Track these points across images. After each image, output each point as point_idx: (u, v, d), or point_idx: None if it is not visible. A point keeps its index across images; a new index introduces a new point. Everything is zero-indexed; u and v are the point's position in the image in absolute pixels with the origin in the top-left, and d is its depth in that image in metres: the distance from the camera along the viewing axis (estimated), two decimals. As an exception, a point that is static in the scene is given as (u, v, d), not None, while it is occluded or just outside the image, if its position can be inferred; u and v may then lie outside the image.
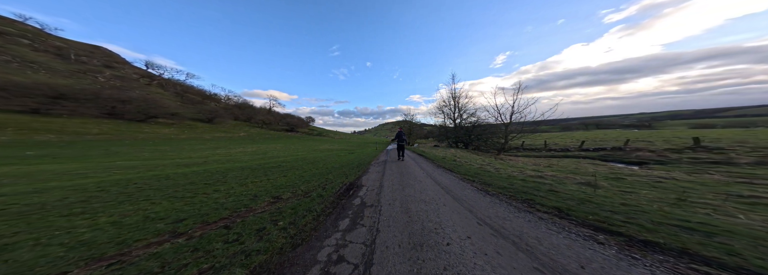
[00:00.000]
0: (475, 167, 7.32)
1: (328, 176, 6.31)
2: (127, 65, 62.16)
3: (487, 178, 5.37)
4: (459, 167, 7.40)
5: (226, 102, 62.47)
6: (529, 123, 16.73)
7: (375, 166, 8.36)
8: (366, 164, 9.09)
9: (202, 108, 36.15)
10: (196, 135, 24.61)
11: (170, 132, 22.53)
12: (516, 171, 6.63)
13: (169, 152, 11.96)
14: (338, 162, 9.67)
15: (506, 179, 5.14)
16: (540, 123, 16.99)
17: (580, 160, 13.49)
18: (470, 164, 7.97)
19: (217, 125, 36.26)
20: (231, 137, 29.09)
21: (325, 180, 5.60)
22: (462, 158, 10.44)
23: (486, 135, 20.97)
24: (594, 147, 17.56)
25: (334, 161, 9.96)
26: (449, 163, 8.52)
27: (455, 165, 7.81)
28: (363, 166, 8.40)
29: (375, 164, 8.79)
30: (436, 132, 45.98)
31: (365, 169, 7.69)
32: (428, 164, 8.41)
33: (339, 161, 10.06)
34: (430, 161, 9.46)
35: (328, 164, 8.91)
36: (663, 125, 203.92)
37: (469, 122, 23.50)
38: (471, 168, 7.05)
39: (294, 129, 63.11)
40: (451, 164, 8.34)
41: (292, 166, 8.36)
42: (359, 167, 7.97)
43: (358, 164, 9.09)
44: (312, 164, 9.13)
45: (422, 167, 7.88)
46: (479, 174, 5.81)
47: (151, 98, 27.36)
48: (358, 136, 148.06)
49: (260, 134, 39.16)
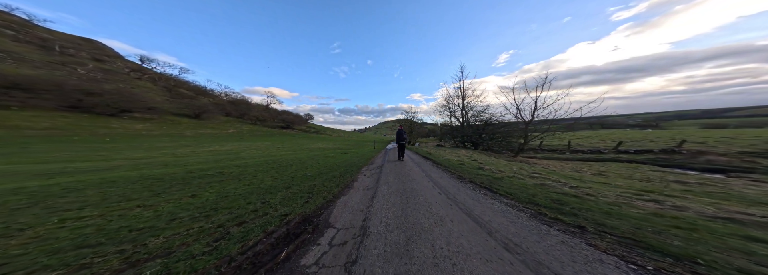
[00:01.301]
0: (529, 183, 4.58)
1: (280, 195, 3.69)
2: (120, 59, 60.05)
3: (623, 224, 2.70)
4: (499, 182, 4.72)
5: (222, 98, 60.27)
6: (558, 121, 13.89)
7: (366, 175, 5.74)
8: (355, 170, 6.48)
9: (189, 103, 33.71)
10: (176, 132, 22.19)
11: (144, 128, 20.12)
12: (612, 194, 3.94)
13: (113, 151, 9.43)
14: (320, 167, 7.07)
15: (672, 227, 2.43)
16: (565, 121, 14.20)
17: (631, 165, 10.73)
18: (512, 177, 5.26)
19: (206, 121, 33.84)
20: (216, 134, 26.65)
21: (259, 209, 2.97)
22: (485, 163, 7.75)
23: (500, 134, 18.20)
24: (634, 149, 14.75)
25: (315, 165, 7.36)
26: (475, 173, 5.84)
27: (490, 178, 5.12)
28: (350, 174, 5.81)
29: (367, 172, 6.18)
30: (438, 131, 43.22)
31: (351, 180, 5.08)
32: (443, 175, 5.75)
33: (323, 165, 7.45)
34: (443, 167, 6.82)
35: (302, 170, 6.32)
36: (670, 125, 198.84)
37: (480, 119, 20.70)
38: (524, 186, 4.36)
39: (290, 126, 60.81)
40: (480, 174, 5.65)
41: (245, 173, 5.75)
42: (343, 177, 5.37)
43: (344, 169, 6.49)
44: (280, 169, 6.53)
45: (436, 179, 5.24)
46: (584, 209, 3.08)
47: (127, 91, 24.94)
48: (357, 134, 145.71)
49: (251, 131, 36.72)
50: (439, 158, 9.03)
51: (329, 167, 6.87)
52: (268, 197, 3.57)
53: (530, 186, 4.02)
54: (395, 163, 7.94)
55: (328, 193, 3.88)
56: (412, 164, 7.69)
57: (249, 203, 3.24)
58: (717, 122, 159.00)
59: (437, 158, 9.05)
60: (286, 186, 4.35)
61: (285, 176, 5.40)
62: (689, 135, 22.61)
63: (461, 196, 3.59)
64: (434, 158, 9.38)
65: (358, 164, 8.02)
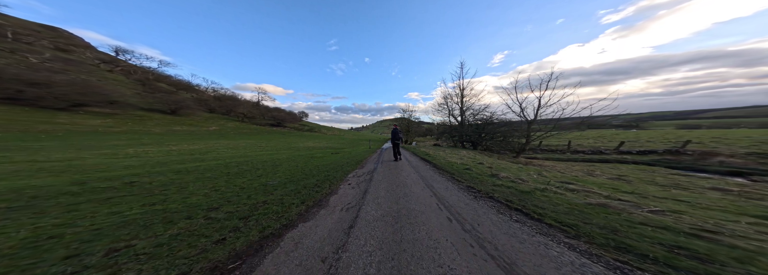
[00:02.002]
0: (576, 201, 3.46)
1: (175, 227, 2.31)
2: (91, 50, 55.33)
3: None
4: (531, 199, 3.60)
5: (209, 93, 56.87)
6: (564, 119, 13.10)
7: (351, 185, 4.44)
8: (340, 176, 5.19)
9: (165, 98, 30.95)
10: (144, 129, 19.92)
11: (102, 124, 17.80)
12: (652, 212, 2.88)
13: (28, 151, 7.61)
14: (295, 172, 5.69)
15: None
16: (569, 120, 13.46)
17: (642, 168, 10.04)
18: (543, 189, 4.14)
19: (184, 117, 31.23)
20: (194, 131, 24.42)
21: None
22: (495, 167, 6.65)
23: (502, 134, 17.38)
24: (637, 149, 14.28)
25: (289, 170, 5.99)
26: (489, 182, 4.68)
27: (514, 191, 3.97)
28: (331, 182, 4.51)
29: (353, 180, 4.88)
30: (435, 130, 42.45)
31: (328, 193, 3.76)
32: (449, 185, 4.55)
33: (300, 169, 6.10)
34: (447, 173, 5.64)
35: (267, 177, 4.90)
36: (649, 126, 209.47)
37: (479, 118, 19.81)
38: (573, 207, 3.25)
39: (281, 124, 58.28)
40: (497, 185, 4.51)
41: (173, 183, 4.20)
42: (320, 187, 4.07)
43: (325, 176, 5.17)
44: (234, 176, 5.02)
45: (441, 193, 4.05)
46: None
47: (83, 82, 22.15)
48: (354, 132, 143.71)
49: (237, 129, 34.41)
50: (440, 161, 7.88)
51: (307, 173, 5.55)
52: (139, 233, 2.14)
53: (584, 208, 2.87)
54: (390, 167, 6.72)
55: (277, 218, 2.54)
56: (410, 168, 6.48)
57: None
58: (690, 123, 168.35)
59: (438, 161, 7.90)
60: (212, 207, 2.96)
61: (232, 188, 4.00)
62: (681, 136, 22.78)
63: (485, 227, 2.35)
64: (434, 160, 8.22)
65: (345, 167, 6.73)
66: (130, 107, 25.71)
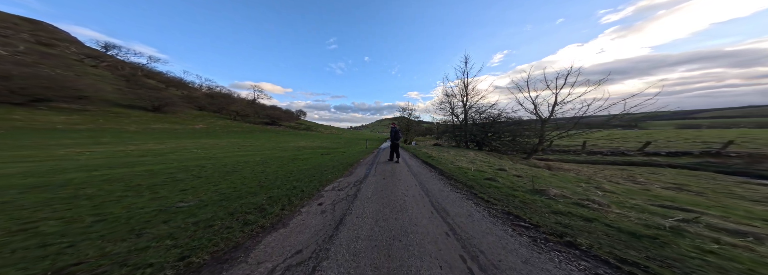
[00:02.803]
0: None
1: None
2: (76, 45, 53.08)
3: None
4: (666, 254, 1.91)
5: (203, 91, 54.95)
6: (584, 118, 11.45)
7: (318, 209, 2.70)
8: (313, 189, 3.48)
9: (148, 94, 28.99)
10: (118, 126, 18.07)
11: (66, 121, 15.94)
12: None
13: None
14: (246, 184, 3.90)
15: None
16: (588, 119, 11.86)
17: (686, 172, 8.45)
18: (681, 235, 2.44)
19: (168, 114, 29.30)
20: (176, 129, 22.57)
21: None
22: (525, 175, 4.97)
23: (510, 133, 15.76)
24: (665, 151, 12.71)
25: (245, 178, 4.23)
26: (541, 206, 3.01)
27: (625, 241, 2.30)
28: (294, 200, 2.81)
29: (330, 196, 3.13)
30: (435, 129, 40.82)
31: (267, 229, 2.06)
32: (473, 211, 2.88)
33: (260, 178, 4.36)
34: (461, 186, 3.99)
35: (194, 192, 3.17)
36: (647, 125, 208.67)
37: (485, 116, 18.15)
38: None
39: (276, 122, 56.41)
40: (561, 215, 2.85)
41: (34, 205, 2.53)
42: (267, 212, 2.35)
43: (290, 189, 3.44)
44: (139, 192, 3.28)
45: (466, 232, 2.37)
46: None
47: (49, 76, 20.14)
48: (352, 131, 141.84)
49: (226, 127, 32.55)
50: (448, 166, 6.20)
51: (266, 183, 3.86)
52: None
53: None
54: (384, 175, 5.04)
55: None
56: (410, 177, 4.80)
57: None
58: (689, 123, 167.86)
59: (445, 166, 6.22)
60: None
61: (106, 215, 2.30)
62: (698, 135, 21.33)
63: None
64: (440, 164, 6.54)
65: (328, 174, 5.06)
66: (106, 103, 23.74)
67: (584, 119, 11.34)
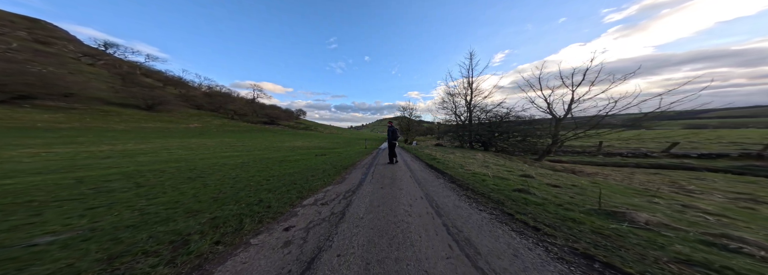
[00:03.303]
0: None
1: None
2: (75, 43, 52.83)
3: None
4: None
5: (200, 89, 54.41)
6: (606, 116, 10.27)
7: (282, 238, 1.57)
8: (282, 206, 2.41)
9: (142, 93, 28.20)
10: (102, 125, 17.19)
11: (49, 119, 15.08)
12: None
13: None
14: (197, 196, 2.80)
15: None
16: (612, 118, 10.71)
17: (737, 178, 7.29)
18: None
19: (162, 113, 28.48)
20: (169, 128, 21.68)
21: None
22: (566, 185, 3.86)
23: (520, 133, 14.63)
24: (696, 152, 11.50)
25: (192, 192, 3.19)
26: (630, 243, 1.92)
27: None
28: (257, 222, 1.75)
29: (303, 220, 2.04)
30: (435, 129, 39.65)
31: None
32: (531, 258, 1.80)
33: (222, 188, 3.30)
34: (485, 201, 2.93)
35: (118, 208, 2.16)
36: (651, 125, 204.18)
37: (492, 115, 17.01)
38: None
39: (275, 122, 55.63)
40: None
41: None
42: (170, 259, 1.33)
43: (249, 208, 2.38)
44: (33, 211, 2.26)
45: None
46: None
47: (36, 73, 19.31)
48: (352, 131, 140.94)
49: (222, 127, 31.68)
50: (458, 171, 5.11)
51: (232, 194, 2.80)
52: None
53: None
54: (383, 183, 3.96)
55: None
56: (413, 185, 3.69)
57: None
58: (697, 123, 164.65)
59: (454, 170, 5.12)
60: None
61: None
62: (721, 136, 20.05)
63: None
64: (448, 169, 5.45)
65: (314, 181, 4.04)
66: (97, 101, 22.92)
67: (608, 117, 10.18)
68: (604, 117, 10.07)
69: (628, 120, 10.21)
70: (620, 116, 10.02)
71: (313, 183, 4.00)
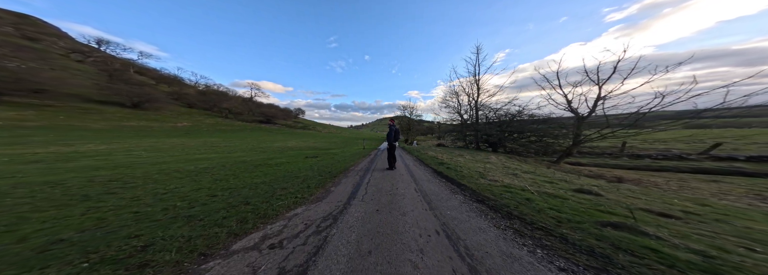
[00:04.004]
0: None
1: None
2: (66, 40, 51.39)
3: None
4: None
5: (195, 88, 53.05)
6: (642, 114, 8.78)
7: None
8: (189, 259, 0.99)
9: (127, 90, 26.71)
10: (77, 123, 15.73)
11: (15, 117, 13.65)
12: None
13: None
14: (81, 227, 1.42)
15: None
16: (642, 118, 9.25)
17: None
18: None
19: (149, 111, 26.98)
20: (152, 127, 20.21)
21: None
22: (685, 209, 2.45)
23: (535, 133, 13.17)
24: (744, 155, 10.03)
25: (72, 225, 1.80)
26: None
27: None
28: None
29: None
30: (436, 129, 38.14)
31: None
32: None
33: (139, 210, 1.90)
34: (579, 255, 1.52)
35: None
36: (652, 125, 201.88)
37: (502, 113, 15.51)
38: None
39: (271, 121, 54.07)
40: None
41: None
42: None
43: (101, 264, 0.94)
44: None
45: None
46: None
47: (5, 68, 17.81)
48: (352, 130, 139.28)
49: (214, 126, 30.21)
50: (477, 181, 3.64)
51: (103, 235, 1.32)
52: None
53: None
54: (380, 200, 2.52)
55: None
56: (422, 208, 2.18)
57: None
58: (699, 123, 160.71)
59: (472, 181, 3.66)
60: None
61: None
62: (745, 135, 18.59)
63: None
64: (462, 177, 3.99)
65: (285, 199, 2.63)
66: (75, 98, 21.42)
67: (650, 114, 8.71)
68: (644, 115, 8.61)
69: (653, 117, 8.75)
70: (664, 113, 8.57)
71: (276, 203, 2.59)
